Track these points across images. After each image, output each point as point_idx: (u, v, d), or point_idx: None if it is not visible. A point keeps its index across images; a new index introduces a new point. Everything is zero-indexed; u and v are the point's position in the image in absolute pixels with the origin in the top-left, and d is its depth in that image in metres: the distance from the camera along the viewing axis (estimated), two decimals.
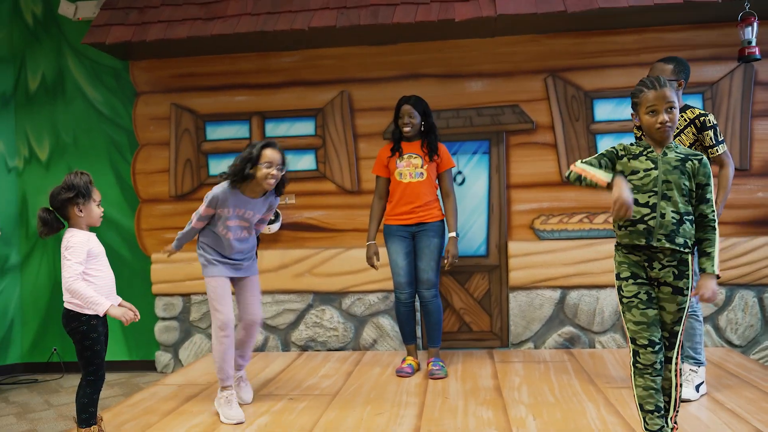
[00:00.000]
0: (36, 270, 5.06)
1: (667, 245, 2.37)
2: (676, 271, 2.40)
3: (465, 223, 4.61)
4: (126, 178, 4.98)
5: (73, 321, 2.73)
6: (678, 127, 3.26)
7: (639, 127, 2.51)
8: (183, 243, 3.41)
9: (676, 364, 2.46)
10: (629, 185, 2.34)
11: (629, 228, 2.42)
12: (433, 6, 4.22)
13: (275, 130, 4.78)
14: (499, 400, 3.36)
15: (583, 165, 2.44)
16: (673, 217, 2.37)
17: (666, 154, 2.43)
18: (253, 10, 4.39)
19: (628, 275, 2.45)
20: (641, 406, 2.46)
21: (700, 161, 2.42)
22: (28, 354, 5.07)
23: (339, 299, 4.72)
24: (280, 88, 4.78)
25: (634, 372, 2.47)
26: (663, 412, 2.45)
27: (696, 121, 3.22)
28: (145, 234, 4.90)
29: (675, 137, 3.26)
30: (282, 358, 4.53)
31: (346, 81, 4.73)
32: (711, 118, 3.22)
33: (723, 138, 3.31)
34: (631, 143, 2.50)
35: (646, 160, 2.43)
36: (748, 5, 3.86)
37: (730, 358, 4.08)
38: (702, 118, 3.21)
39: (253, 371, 4.13)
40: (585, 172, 2.42)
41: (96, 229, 2.86)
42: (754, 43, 3.86)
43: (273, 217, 4.65)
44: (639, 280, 2.44)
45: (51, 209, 2.75)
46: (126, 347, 5.00)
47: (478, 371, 3.97)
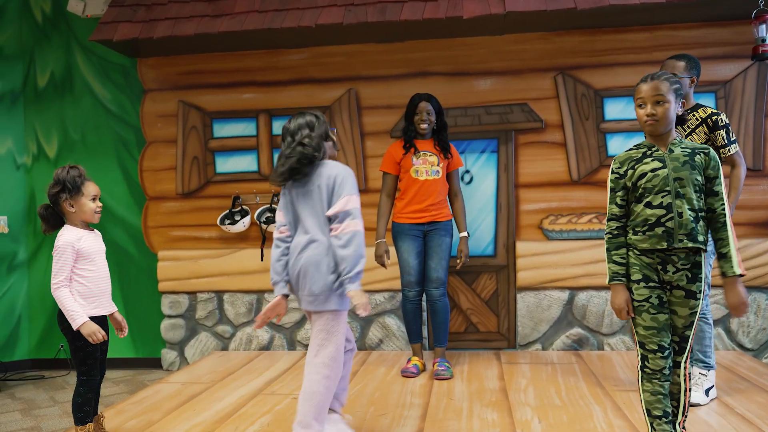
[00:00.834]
0: (44, 267, 5.07)
1: (691, 245, 2.29)
2: (690, 274, 2.34)
3: (473, 222, 4.56)
4: (133, 175, 4.98)
5: (66, 320, 2.72)
6: (689, 126, 3.20)
7: None
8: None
9: (686, 368, 2.41)
10: (626, 292, 2.39)
11: (647, 233, 2.33)
12: (441, 3, 4.17)
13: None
14: (505, 402, 3.31)
15: (606, 242, 2.45)
16: (690, 215, 2.29)
17: (672, 151, 2.37)
18: (261, 7, 4.37)
19: (639, 278, 2.37)
20: (648, 412, 2.41)
21: (708, 154, 2.35)
22: (36, 350, 5.09)
23: None
24: (288, 86, 4.76)
25: (641, 377, 2.42)
26: (671, 417, 2.40)
27: (708, 120, 3.16)
28: (151, 231, 4.90)
29: (686, 136, 3.21)
30: (287, 356, 4.51)
31: (354, 79, 4.70)
32: (723, 117, 3.16)
33: (735, 138, 3.25)
34: (630, 148, 2.45)
35: (652, 160, 2.36)
36: (762, 2, 3.79)
37: (742, 362, 4.01)
38: (714, 117, 3.15)
39: (257, 370, 4.12)
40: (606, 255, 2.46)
41: (102, 226, 2.83)
42: None
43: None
44: (651, 284, 2.36)
45: (49, 205, 2.75)
46: (132, 344, 5.00)
47: (484, 372, 3.92)
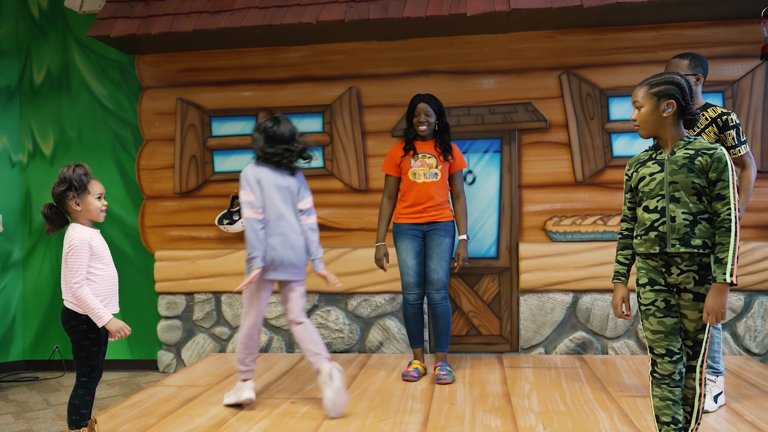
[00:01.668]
0: (39, 266, 4.99)
1: (683, 249, 2.25)
2: (697, 277, 2.27)
3: (475, 223, 4.49)
4: (130, 174, 4.90)
5: (73, 319, 2.66)
6: (699, 126, 3.13)
7: None
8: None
9: (701, 373, 2.33)
10: (624, 291, 2.44)
11: (643, 237, 2.34)
12: (444, 0, 4.10)
13: None
14: (508, 407, 3.24)
15: (618, 241, 2.49)
16: (685, 219, 2.25)
17: (674, 153, 2.32)
18: (261, 4, 4.30)
19: (645, 281, 2.35)
20: (657, 417, 2.34)
21: (711, 155, 2.25)
22: (30, 351, 5.01)
23: (345, 300, 4.61)
24: (288, 84, 4.69)
25: (651, 381, 2.36)
26: (681, 424, 2.33)
27: (718, 119, 3.09)
28: (148, 231, 4.82)
29: (696, 136, 3.13)
30: (286, 359, 4.43)
31: (355, 77, 4.63)
32: (733, 117, 3.08)
33: (745, 138, 3.17)
34: (645, 150, 2.46)
35: (653, 163, 2.36)
36: None
37: (749, 367, 3.93)
38: (724, 117, 3.08)
39: (255, 373, 4.04)
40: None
41: (99, 226, 2.77)
42: None
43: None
44: (656, 287, 2.32)
45: (54, 204, 2.70)
46: (128, 346, 4.92)
47: (487, 376, 3.85)
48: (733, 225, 2.21)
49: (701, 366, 2.32)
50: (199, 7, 4.35)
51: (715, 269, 2.22)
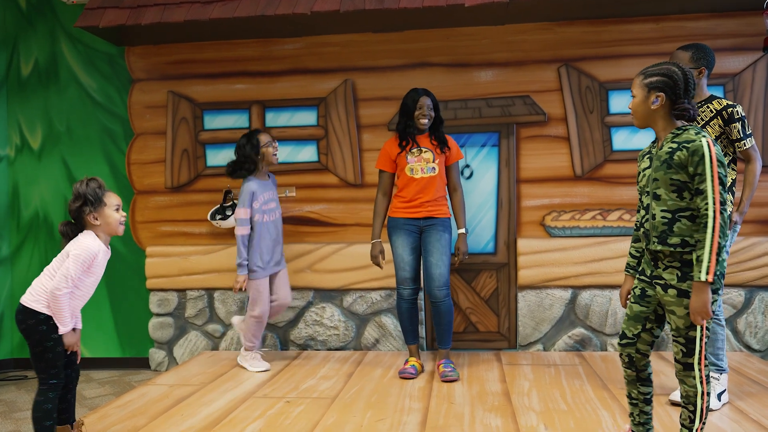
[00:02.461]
0: (27, 263, 4.88)
1: (660, 247, 2.25)
2: (680, 273, 2.25)
3: (473, 218, 4.42)
4: (120, 169, 4.79)
5: (31, 318, 2.59)
6: (703, 119, 3.06)
7: None
8: None
9: (700, 371, 2.28)
10: (630, 282, 2.50)
11: (635, 232, 2.45)
12: None
13: (276, 119, 4.59)
14: (508, 406, 3.17)
15: (633, 233, 2.52)
16: (663, 217, 2.25)
17: (662, 147, 2.29)
18: None
19: (641, 269, 2.45)
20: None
21: (689, 148, 2.18)
22: (18, 350, 4.90)
23: (340, 297, 4.53)
24: (282, 76, 4.59)
25: None
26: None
27: (723, 112, 3.02)
28: (139, 227, 4.72)
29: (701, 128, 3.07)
30: (280, 357, 4.35)
31: (350, 69, 4.54)
32: (739, 109, 3.02)
33: (751, 131, 3.11)
34: (651, 142, 2.45)
35: (647, 158, 2.37)
36: None
37: (750, 364, 3.88)
38: (729, 110, 3.01)
39: (249, 371, 3.96)
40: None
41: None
42: None
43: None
44: (642, 276, 2.41)
45: (71, 221, 2.69)
46: (119, 344, 4.82)
47: (485, 374, 3.78)
48: (710, 221, 2.14)
49: (700, 364, 2.27)
50: None
51: (695, 268, 2.18)
